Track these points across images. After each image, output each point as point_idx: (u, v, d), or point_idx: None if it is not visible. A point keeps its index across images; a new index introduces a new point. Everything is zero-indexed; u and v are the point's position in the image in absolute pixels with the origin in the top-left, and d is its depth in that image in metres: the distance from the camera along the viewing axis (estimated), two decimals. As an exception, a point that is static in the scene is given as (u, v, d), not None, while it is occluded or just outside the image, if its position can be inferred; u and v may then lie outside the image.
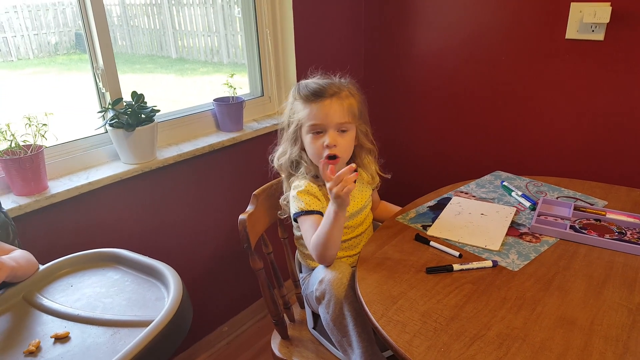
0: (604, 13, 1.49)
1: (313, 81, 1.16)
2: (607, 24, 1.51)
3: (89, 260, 0.91)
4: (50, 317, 0.78)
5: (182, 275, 1.66)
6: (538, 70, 1.70)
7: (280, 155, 1.21)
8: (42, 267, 0.88)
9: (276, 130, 1.26)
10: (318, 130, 1.12)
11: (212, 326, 1.82)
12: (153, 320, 0.70)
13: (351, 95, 1.16)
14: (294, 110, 1.16)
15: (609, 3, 1.48)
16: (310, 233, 1.09)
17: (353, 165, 0.99)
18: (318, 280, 1.07)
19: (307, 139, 1.14)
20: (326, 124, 1.11)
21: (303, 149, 1.17)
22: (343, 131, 1.13)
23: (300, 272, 1.34)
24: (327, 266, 1.08)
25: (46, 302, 0.81)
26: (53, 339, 0.73)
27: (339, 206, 1.00)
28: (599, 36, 1.54)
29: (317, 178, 1.18)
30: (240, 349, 1.83)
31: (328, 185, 1.00)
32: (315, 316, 1.29)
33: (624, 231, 1.10)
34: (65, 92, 1.88)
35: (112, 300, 0.80)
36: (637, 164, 1.60)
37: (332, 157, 1.09)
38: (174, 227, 1.57)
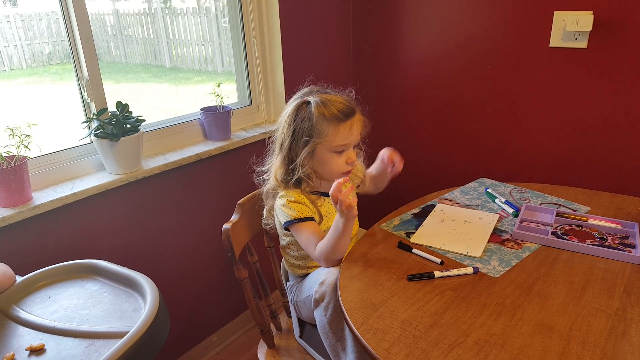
0: (586, 21, 1.51)
1: (335, 99, 1.12)
2: (590, 32, 1.53)
3: (68, 271, 0.90)
4: (26, 329, 0.77)
5: (169, 285, 1.65)
6: (523, 78, 1.72)
7: (279, 169, 1.17)
8: (20, 279, 0.88)
9: (264, 139, 1.26)
10: (342, 150, 1.13)
11: (202, 336, 1.81)
12: (129, 332, 0.70)
13: (358, 108, 1.17)
14: (316, 130, 1.10)
15: (591, 12, 1.50)
16: (310, 239, 1.10)
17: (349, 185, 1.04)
18: (319, 282, 1.06)
19: (326, 156, 1.12)
20: (351, 142, 1.14)
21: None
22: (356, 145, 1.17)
23: (287, 280, 1.34)
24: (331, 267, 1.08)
25: (23, 314, 0.80)
26: (28, 352, 0.72)
27: (348, 219, 1.03)
28: (582, 44, 1.56)
29: (310, 192, 1.18)
30: (229, 358, 1.82)
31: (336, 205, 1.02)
32: (302, 325, 1.29)
33: (605, 237, 1.10)
34: (55, 103, 1.88)
35: (89, 311, 0.80)
36: (620, 170, 1.61)
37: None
38: (161, 237, 1.57)
